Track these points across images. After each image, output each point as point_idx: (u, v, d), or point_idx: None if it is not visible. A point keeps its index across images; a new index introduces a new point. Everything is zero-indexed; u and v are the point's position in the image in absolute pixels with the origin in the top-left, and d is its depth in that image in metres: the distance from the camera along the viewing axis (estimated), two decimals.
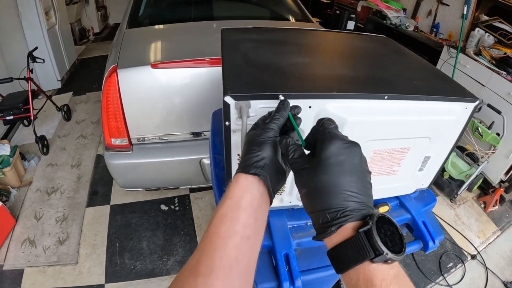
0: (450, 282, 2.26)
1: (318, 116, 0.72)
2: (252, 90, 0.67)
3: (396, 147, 0.86)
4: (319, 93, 0.68)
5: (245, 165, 0.51)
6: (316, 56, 0.95)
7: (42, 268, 2.26)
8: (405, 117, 0.79)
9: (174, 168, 2.07)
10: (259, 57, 0.86)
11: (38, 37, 3.98)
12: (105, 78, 1.86)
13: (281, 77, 0.76)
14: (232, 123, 0.69)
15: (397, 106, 0.78)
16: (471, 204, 2.88)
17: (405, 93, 0.78)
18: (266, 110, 0.68)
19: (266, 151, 0.52)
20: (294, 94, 0.66)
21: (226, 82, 0.70)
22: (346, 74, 0.82)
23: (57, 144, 3.42)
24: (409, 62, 1.07)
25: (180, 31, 2.34)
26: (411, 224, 1.14)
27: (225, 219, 0.48)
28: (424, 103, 0.80)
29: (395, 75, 0.91)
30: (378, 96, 0.74)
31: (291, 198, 0.93)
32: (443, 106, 0.83)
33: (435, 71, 1.02)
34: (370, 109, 0.75)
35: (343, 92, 0.71)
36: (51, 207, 2.70)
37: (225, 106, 0.66)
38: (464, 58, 2.95)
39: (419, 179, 1.07)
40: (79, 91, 4.44)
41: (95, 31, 6.54)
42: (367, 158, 0.83)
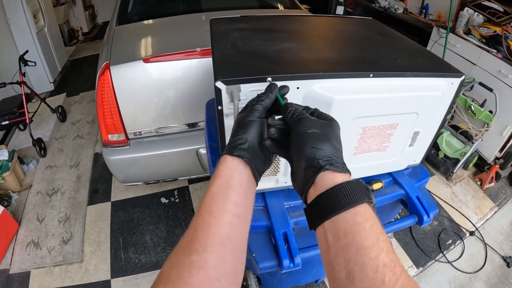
0: (450, 259, 2.31)
1: (306, 97, 0.75)
2: (242, 75, 0.69)
3: (384, 124, 0.89)
4: (305, 74, 0.71)
5: (231, 147, 0.53)
6: (303, 41, 0.97)
7: (48, 269, 2.30)
8: (391, 94, 0.82)
9: (171, 160, 2.10)
10: (247, 45, 0.89)
11: (28, 41, 3.97)
12: (98, 76, 1.87)
13: (269, 61, 0.78)
14: (224, 107, 0.72)
15: (383, 84, 0.80)
16: (467, 182, 2.92)
17: (389, 70, 0.81)
18: (256, 93, 0.71)
19: (250, 133, 0.54)
20: (281, 76, 0.69)
21: (217, 69, 0.72)
22: (332, 56, 0.85)
23: (54, 146, 3.43)
24: (395, 42, 1.09)
25: (170, 25, 2.35)
26: (406, 200, 1.18)
27: (216, 197, 0.49)
28: (409, 79, 0.83)
29: (381, 55, 0.93)
30: (363, 74, 0.77)
31: (286, 178, 0.95)
32: (429, 82, 0.86)
33: (421, 50, 1.05)
34: (356, 88, 0.78)
35: (328, 72, 0.73)
36: (53, 208, 2.72)
37: (217, 91, 0.69)
38: (454, 38, 2.97)
39: (410, 155, 1.10)
40: (72, 92, 4.44)
41: (84, 31, 6.52)
42: (356, 135, 0.88)
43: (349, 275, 0.39)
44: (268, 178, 0.94)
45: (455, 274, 2.23)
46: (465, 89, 2.79)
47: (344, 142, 0.87)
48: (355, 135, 0.87)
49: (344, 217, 0.42)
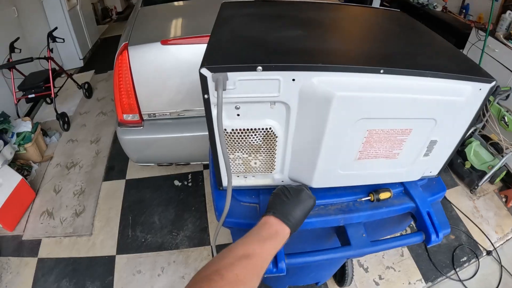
0: (461, 277, 2.17)
1: (302, 91, 0.68)
2: (230, 62, 0.64)
3: (395, 128, 0.80)
4: (302, 65, 0.64)
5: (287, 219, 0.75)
6: (314, 29, 0.90)
7: (58, 239, 2.38)
8: (404, 94, 0.73)
9: (184, 144, 2.09)
10: (248, 31, 0.83)
11: (59, 18, 4.08)
12: (117, 55, 1.90)
13: (265, 50, 0.72)
14: (211, 95, 0.67)
15: (396, 82, 0.71)
16: (491, 197, 2.73)
17: (405, 68, 0.72)
18: (246, 83, 0.65)
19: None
20: (274, 66, 0.63)
21: (205, 54, 0.67)
22: (342, 48, 0.77)
23: (77, 121, 3.53)
24: (420, 37, 0.99)
25: (194, 8, 2.32)
26: (415, 214, 1.08)
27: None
28: (428, 80, 0.73)
29: (400, 50, 0.84)
30: (372, 69, 0.69)
31: (282, 176, 0.90)
32: (451, 85, 0.75)
33: (449, 48, 0.93)
34: (363, 84, 0.69)
35: (331, 64, 0.66)
36: (70, 181, 2.82)
37: (202, 78, 0.64)
38: (493, 42, 2.75)
39: (426, 165, 1.00)
40: (101, 70, 4.53)
41: (117, 10, 6.63)
42: (361, 138, 0.80)
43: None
44: (263, 175, 0.89)
45: None
46: (500, 98, 2.59)
47: (345, 145, 0.81)
48: (359, 138, 0.79)
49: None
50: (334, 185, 0.94)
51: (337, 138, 0.76)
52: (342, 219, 0.98)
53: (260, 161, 0.83)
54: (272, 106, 0.71)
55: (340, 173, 0.88)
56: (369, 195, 1.03)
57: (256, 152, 0.81)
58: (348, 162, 0.86)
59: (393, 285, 2.09)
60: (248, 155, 0.81)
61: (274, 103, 0.70)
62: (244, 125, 0.74)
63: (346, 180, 0.93)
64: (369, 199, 1.03)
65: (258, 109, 0.71)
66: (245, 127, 0.74)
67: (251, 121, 0.73)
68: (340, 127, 0.74)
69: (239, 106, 0.70)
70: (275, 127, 0.75)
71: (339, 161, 0.84)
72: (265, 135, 0.76)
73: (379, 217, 1.05)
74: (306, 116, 0.73)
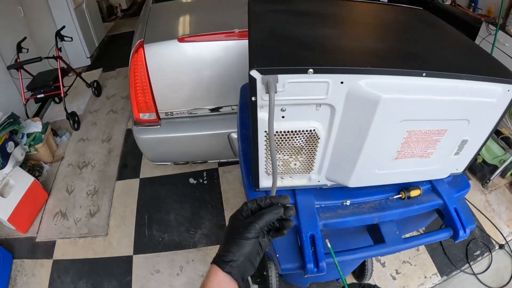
0: (475, 271, 2.19)
1: (349, 93, 0.69)
2: (280, 64, 0.64)
3: (432, 129, 0.82)
4: (352, 68, 0.65)
5: (223, 261, 0.58)
6: (348, 28, 0.90)
7: (73, 240, 2.38)
8: (443, 97, 0.74)
9: (202, 142, 2.09)
10: (287, 29, 0.83)
11: (66, 16, 4.07)
12: (132, 53, 1.88)
13: (310, 50, 0.73)
14: (258, 98, 0.67)
15: (435, 85, 0.73)
16: (502, 191, 2.75)
17: (444, 70, 0.73)
18: (295, 86, 0.66)
19: (242, 251, 0.58)
20: (325, 68, 0.63)
21: (253, 55, 0.67)
22: (380, 48, 0.77)
23: (88, 119, 3.53)
24: (448, 37, 1.00)
25: (207, 4, 2.31)
26: (443, 211, 1.09)
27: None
28: (464, 82, 0.74)
29: (433, 50, 0.85)
30: (416, 73, 0.70)
31: (319, 177, 0.91)
32: (483, 87, 0.77)
33: (476, 48, 0.95)
34: (406, 87, 0.70)
35: (378, 67, 0.67)
36: (83, 181, 2.82)
37: (251, 80, 0.64)
38: (504, 36, 2.75)
39: (454, 164, 1.02)
40: (108, 67, 4.52)
41: (123, 7, 6.63)
42: (400, 139, 0.81)
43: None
44: (300, 175, 0.90)
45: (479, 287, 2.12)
46: None
47: (385, 145, 0.82)
48: (399, 139, 0.80)
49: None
50: (369, 184, 0.95)
51: (379, 139, 0.77)
52: (376, 217, 0.99)
53: (300, 162, 0.84)
54: (318, 108, 0.71)
55: (377, 172, 0.89)
56: (399, 193, 1.05)
57: (297, 154, 0.81)
58: (385, 162, 0.87)
59: (410, 279, 2.11)
60: (289, 157, 0.82)
61: (319, 105, 0.71)
62: (289, 127, 0.74)
63: (381, 179, 0.95)
64: (400, 196, 1.04)
65: (303, 111, 0.72)
66: (289, 129, 0.75)
67: (295, 123, 0.74)
68: (383, 129, 0.75)
69: (285, 108, 0.70)
70: (318, 128, 0.76)
71: (377, 161, 0.85)
72: (308, 136, 0.77)
73: (410, 214, 1.06)
74: (350, 118, 0.73)
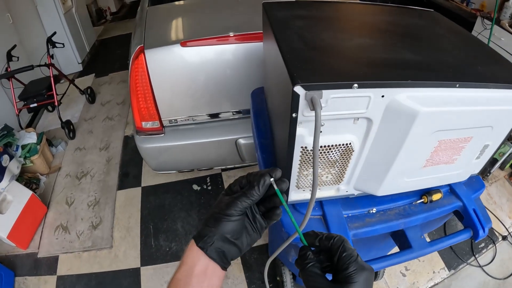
0: (481, 263, 2.23)
1: (388, 107, 0.68)
2: (324, 79, 0.62)
3: (460, 137, 0.83)
4: (393, 82, 0.64)
5: (200, 235, 0.53)
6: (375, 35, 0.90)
7: (77, 254, 2.32)
8: (473, 107, 0.75)
9: (208, 150, 2.05)
10: (317, 38, 0.81)
11: (55, 22, 3.98)
12: (132, 60, 1.80)
13: (349, 62, 0.71)
14: (299, 114, 0.65)
15: (466, 95, 0.73)
16: (503, 183, 2.80)
17: (474, 80, 0.73)
18: (337, 101, 0.64)
19: (220, 229, 0.52)
20: (369, 83, 0.62)
21: (292, 69, 0.65)
22: (412, 58, 0.77)
23: (83, 127, 3.45)
24: (466, 41, 1.00)
25: (206, 6, 2.24)
26: (462, 212, 1.11)
27: (179, 284, 0.50)
28: (490, 91, 0.75)
29: (459, 58, 0.85)
30: (450, 84, 0.70)
31: (348, 187, 0.90)
32: (507, 94, 0.78)
33: (494, 53, 0.96)
34: (440, 99, 0.71)
35: (416, 80, 0.66)
36: (82, 192, 2.75)
37: (294, 96, 0.62)
38: (499, 31, 2.79)
39: (474, 167, 1.03)
40: (101, 73, 4.44)
41: (112, 10, 6.53)
42: (431, 148, 0.81)
43: None
44: (328, 187, 0.89)
45: (485, 279, 2.16)
46: None
47: (417, 155, 0.82)
48: (429, 148, 0.80)
49: None
50: (397, 191, 0.95)
51: (412, 150, 0.77)
52: (402, 223, 0.99)
53: (332, 175, 0.83)
54: (355, 122, 0.70)
55: (406, 181, 0.89)
56: (422, 198, 1.05)
57: (330, 167, 0.80)
58: (414, 171, 0.87)
59: (419, 275, 2.14)
60: (322, 170, 0.81)
61: (357, 118, 0.70)
62: (326, 142, 0.73)
63: (408, 187, 0.95)
64: (422, 201, 1.05)
65: (341, 125, 0.71)
66: (326, 144, 0.73)
67: (332, 137, 0.73)
68: (417, 140, 0.75)
69: (324, 123, 0.69)
70: (354, 141, 0.75)
71: (408, 170, 0.85)
72: (343, 150, 0.76)
73: (433, 218, 1.07)
74: (385, 130, 0.73)
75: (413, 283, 2.10)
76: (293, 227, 0.92)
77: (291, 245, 1.02)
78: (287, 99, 0.65)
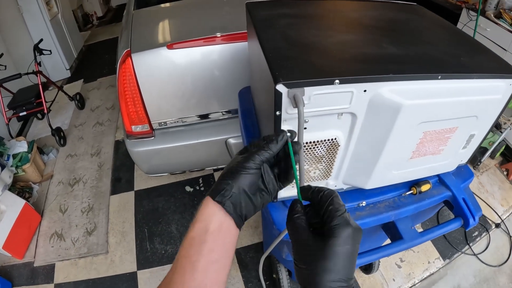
0: (475, 251, 2.26)
1: (371, 101, 0.69)
2: (306, 76, 0.63)
3: (445, 128, 0.84)
4: (375, 76, 0.65)
5: (215, 190, 0.51)
6: (358, 31, 0.90)
7: (73, 261, 2.31)
8: (456, 97, 0.76)
9: (200, 150, 2.05)
10: (299, 36, 0.82)
11: (42, 29, 3.93)
12: (119, 64, 1.79)
13: (331, 58, 0.72)
14: (283, 112, 0.66)
15: (449, 86, 0.74)
16: (493, 172, 2.84)
17: (456, 72, 0.74)
18: (319, 97, 0.65)
19: (238, 182, 0.51)
20: (350, 78, 0.63)
21: (274, 67, 0.65)
22: (394, 52, 0.78)
23: (74, 134, 3.43)
24: (449, 34, 1.01)
25: (191, 8, 2.24)
26: (452, 202, 1.12)
27: (194, 242, 0.49)
28: (473, 81, 0.76)
29: (441, 51, 0.86)
30: (432, 76, 0.71)
31: (336, 182, 0.91)
32: (490, 84, 0.80)
33: (477, 44, 0.97)
34: (423, 91, 0.72)
35: (398, 73, 0.67)
36: (76, 198, 2.73)
37: (277, 95, 0.63)
38: (484, 21, 2.81)
39: (461, 156, 1.04)
40: (89, 78, 4.40)
41: (98, 15, 6.47)
42: (416, 140, 0.82)
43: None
44: (317, 182, 0.90)
45: (480, 267, 2.19)
46: None
47: (403, 148, 0.83)
48: (415, 140, 0.81)
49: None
50: (385, 184, 0.96)
51: (398, 143, 0.78)
52: (393, 215, 1.00)
53: (320, 170, 0.83)
54: (339, 117, 0.71)
55: (394, 173, 0.90)
56: (411, 189, 1.06)
57: (317, 163, 0.81)
58: (401, 163, 0.88)
59: (415, 266, 2.16)
60: (309, 166, 0.81)
61: (341, 113, 0.70)
62: (311, 138, 0.74)
63: (396, 179, 0.95)
64: (411, 192, 1.06)
65: (325, 120, 0.71)
66: (312, 140, 0.74)
67: (317, 133, 0.73)
68: (402, 132, 0.76)
69: (307, 119, 0.70)
70: (339, 136, 0.75)
71: (394, 163, 0.86)
72: (329, 145, 0.76)
73: (423, 209, 1.08)
74: (370, 124, 0.73)
75: (409, 274, 2.12)
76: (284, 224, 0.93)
77: (283, 241, 1.02)
78: (271, 98, 0.65)
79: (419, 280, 2.11)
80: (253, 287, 2.07)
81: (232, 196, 0.50)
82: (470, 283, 2.10)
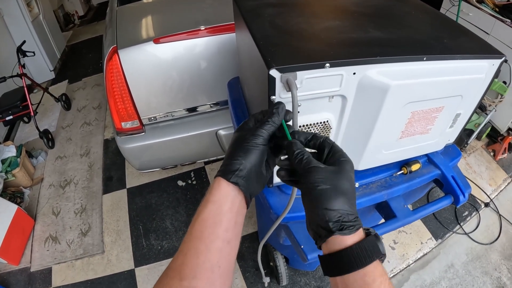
0: (466, 230, 2.33)
1: (360, 83, 0.71)
2: (297, 61, 0.64)
3: (432, 107, 0.86)
4: (364, 59, 0.67)
5: (227, 171, 0.51)
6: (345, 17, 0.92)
7: (70, 263, 2.30)
8: (441, 77, 0.79)
9: (190, 144, 2.06)
10: (288, 24, 0.83)
11: (23, 31, 3.86)
12: (106, 61, 1.78)
13: (320, 44, 0.74)
14: (277, 97, 0.68)
15: (434, 67, 0.77)
16: (480, 153, 2.92)
17: (440, 53, 0.77)
18: (311, 81, 0.67)
19: (250, 159, 0.51)
20: (340, 62, 0.65)
21: (266, 54, 0.67)
22: (380, 36, 0.80)
23: (62, 135, 3.39)
24: (432, 18, 1.04)
25: (174, 2, 2.23)
26: (441, 180, 1.16)
27: (208, 223, 0.49)
28: (457, 62, 0.79)
29: (426, 34, 0.89)
30: (418, 58, 0.73)
31: None
32: (473, 64, 0.83)
33: (459, 27, 1.00)
34: (410, 72, 0.74)
35: (385, 56, 0.69)
36: (68, 200, 2.71)
37: (271, 80, 0.64)
38: (467, 6, 2.86)
39: (448, 136, 1.07)
40: (74, 78, 4.34)
41: (79, 14, 6.36)
42: (405, 120, 0.85)
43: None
44: None
45: (472, 245, 2.26)
46: None
47: (392, 128, 0.85)
48: (403, 120, 0.84)
49: (354, 277, 0.44)
50: (377, 165, 0.99)
51: (387, 123, 0.81)
52: (385, 195, 1.03)
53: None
54: (330, 100, 0.73)
55: (384, 153, 0.93)
56: (401, 169, 1.10)
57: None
58: (391, 143, 0.91)
59: (408, 247, 2.22)
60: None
61: (332, 96, 0.72)
62: (304, 121, 0.76)
63: (387, 159, 0.98)
64: (402, 172, 1.09)
65: (317, 104, 0.73)
66: (304, 123, 0.76)
67: (309, 116, 0.75)
68: (390, 113, 0.78)
69: (300, 103, 0.71)
70: (331, 119, 0.77)
71: (384, 143, 0.88)
72: (321, 128, 0.78)
73: (414, 187, 1.12)
74: (360, 106, 0.76)
75: (403, 255, 2.18)
76: (281, 208, 0.95)
77: (281, 225, 1.04)
78: (264, 84, 0.67)
79: (413, 260, 2.17)
80: (251, 276, 2.10)
81: (246, 175, 0.51)
82: (463, 261, 2.17)
